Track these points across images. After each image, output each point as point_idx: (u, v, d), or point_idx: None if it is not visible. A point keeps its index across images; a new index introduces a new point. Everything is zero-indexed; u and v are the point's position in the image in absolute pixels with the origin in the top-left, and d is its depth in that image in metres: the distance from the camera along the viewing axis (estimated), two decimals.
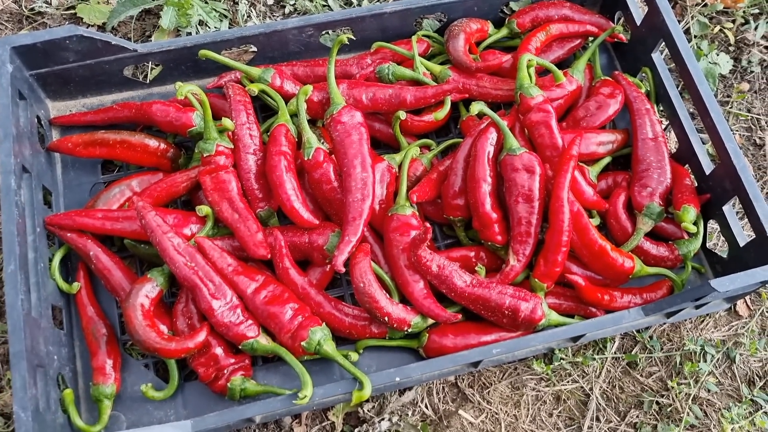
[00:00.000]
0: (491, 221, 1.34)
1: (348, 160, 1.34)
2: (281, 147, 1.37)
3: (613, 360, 1.47)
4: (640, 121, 1.50)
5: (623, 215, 1.43)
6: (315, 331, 1.25)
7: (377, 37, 1.60)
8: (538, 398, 1.44)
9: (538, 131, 1.39)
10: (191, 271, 1.26)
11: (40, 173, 1.41)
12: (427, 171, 1.45)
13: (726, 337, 1.50)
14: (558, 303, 1.38)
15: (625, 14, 1.62)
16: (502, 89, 1.52)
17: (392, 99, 1.46)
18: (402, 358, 1.38)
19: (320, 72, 1.55)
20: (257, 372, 1.36)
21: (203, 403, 1.34)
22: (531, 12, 1.62)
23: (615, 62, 1.70)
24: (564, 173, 1.31)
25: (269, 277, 1.33)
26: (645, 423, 1.41)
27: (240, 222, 1.33)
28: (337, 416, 1.39)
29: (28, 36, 1.38)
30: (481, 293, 1.28)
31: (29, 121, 1.42)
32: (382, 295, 1.28)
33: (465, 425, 1.40)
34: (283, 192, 1.33)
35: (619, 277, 1.37)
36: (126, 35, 1.76)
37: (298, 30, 1.53)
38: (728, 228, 1.40)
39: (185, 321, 1.31)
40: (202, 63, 1.53)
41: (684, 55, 1.44)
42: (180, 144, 1.52)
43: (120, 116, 1.49)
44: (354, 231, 1.29)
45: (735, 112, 1.74)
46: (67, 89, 1.54)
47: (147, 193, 1.39)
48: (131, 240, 1.37)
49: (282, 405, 1.19)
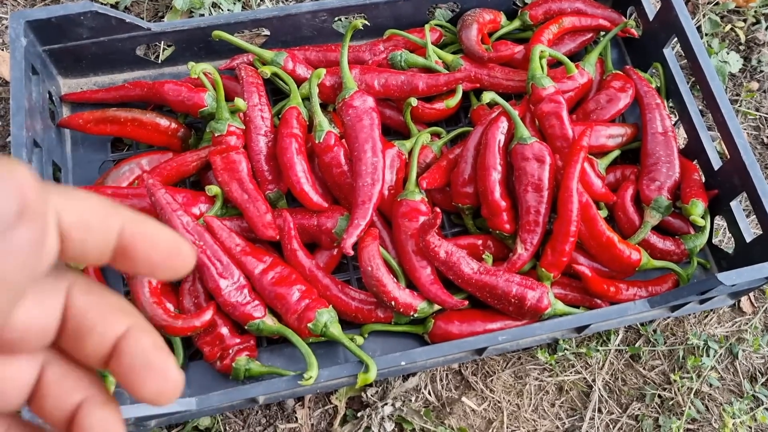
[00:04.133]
0: (500, 209, 1.35)
1: (359, 145, 1.34)
2: (292, 129, 1.37)
3: (617, 352, 1.48)
4: (650, 115, 1.50)
5: (631, 208, 1.43)
6: (322, 313, 1.26)
7: (390, 24, 1.60)
8: (541, 388, 1.44)
9: (549, 122, 1.40)
10: (199, 249, 1.26)
11: (50, 149, 1.41)
12: (437, 158, 1.46)
13: (729, 332, 1.51)
14: (564, 293, 1.38)
15: (638, 9, 1.62)
16: (514, 80, 1.53)
17: (404, 85, 1.46)
18: (407, 343, 1.38)
19: (332, 57, 1.55)
20: (262, 353, 1.36)
21: (207, 382, 1.34)
22: (544, 4, 1.63)
23: (626, 57, 1.70)
24: (574, 164, 1.32)
25: (277, 258, 1.33)
26: (647, 415, 1.42)
27: (249, 203, 1.33)
28: (340, 400, 1.40)
29: (42, 11, 1.38)
30: (488, 281, 1.28)
31: (41, 97, 1.42)
32: (390, 280, 1.29)
33: (468, 412, 1.41)
34: (293, 174, 1.33)
35: (625, 270, 1.37)
36: (139, 14, 1.76)
37: (312, 14, 1.53)
38: (735, 224, 1.41)
39: (192, 300, 1.31)
40: (215, 44, 1.53)
41: (696, 51, 1.44)
42: (190, 124, 1.52)
43: (131, 95, 1.50)
44: (363, 215, 1.30)
45: (743, 110, 1.75)
46: (79, 66, 1.54)
47: (157, 172, 1.39)
48: None
49: (286, 386, 1.19)
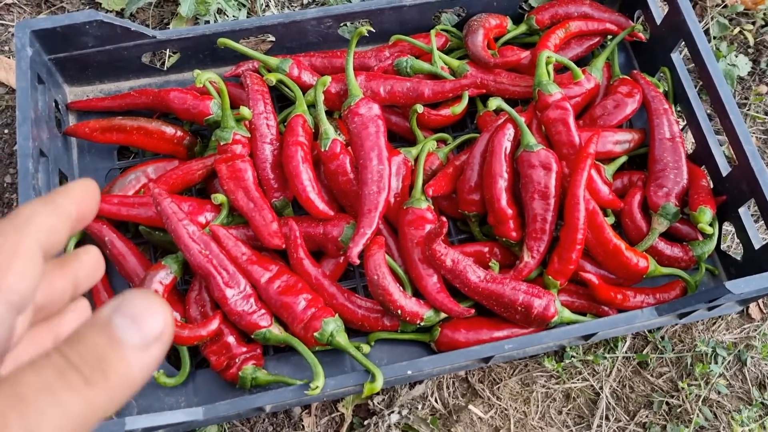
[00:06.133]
0: (506, 217, 1.34)
1: (364, 152, 1.34)
2: (298, 137, 1.37)
3: (624, 359, 1.47)
4: (657, 120, 1.49)
5: (638, 215, 1.42)
6: (328, 322, 1.26)
7: (396, 30, 1.60)
8: (548, 395, 1.44)
9: (556, 128, 1.39)
10: (205, 259, 1.26)
11: (57, 157, 1.42)
12: (443, 165, 1.45)
13: (738, 339, 1.50)
14: (571, 301, 1.38)
15: (645, 13, 1.61)
16: (520, 85, 1.52)
17: (410, 92, 1.46)
18: (413, 351, 1.38)
19: (338, 63, 1.55)
20: (268, 362, 1.36)
21: (214, 391, 1.34)
22: (550, 9, 1.62)
23: (633, 61, 1.69)
24: (580, 171, 1.31)
25: (283, 267, 1.33)
26: (654, 423, 1.41)
27: (255, 211, 1.33)
28: (347, 408, 1.40)
29: (48, 20, 1.38)
30: (495, 289, 1.28)
31: (47, 106, 1.42)
32: (396, 288, 1.28)
33: (474, 420, 1.40)
34: (299, 182, 1.33)
35: (632, 277, 1.37)
36: (144, 22, 1.76)
37: (317, 21, 1.53)
38: (744, 230, 1.40)
39: (198, 309, 1.31)
40: (220, 51, 1.53)
41: (704, 55, 1.43)
42: (196, 132, 1.53)
43: (137, 103, 1.50)
44: (369, 223, 1.29)
45: (752, 114, 1.73)
46: (84, 74, 1.54)
47: (163, 180, 1.39)
48: (146, 226, 1.37)
49: (293, 395, 1.19)
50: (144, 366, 0.37)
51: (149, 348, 0.37)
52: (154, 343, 0.38)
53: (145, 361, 0.37)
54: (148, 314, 0.38)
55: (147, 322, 0.38)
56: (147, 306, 0.38)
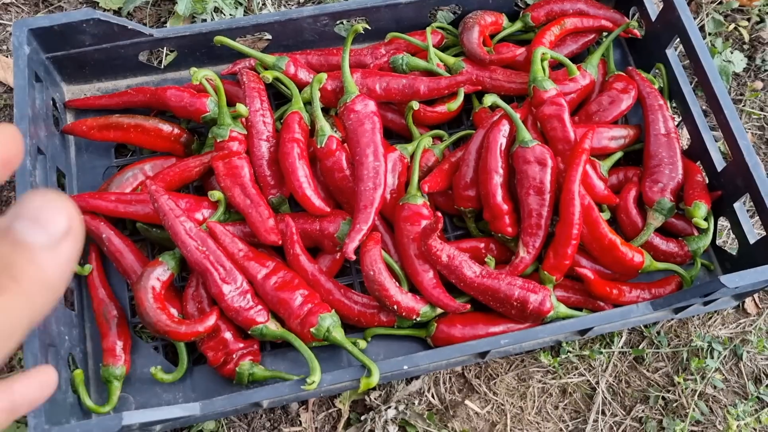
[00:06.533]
0: (502, 213, 1.35)
1: (360, 149, 1.35)
2: (294, 134, 1.37)
3: (620, 354, 1.47)
4: (652, 116, 1.50)
5: (634, 210, 1.43)
6: (324, 317, 1.26)
7: (392, 27, 1.60)
8: (544, 390, 1.44)
9: (551, 124, 1.40)
10: (202, 255, 1.26)
11: (54, 155, 1.42)
12: (438, 162, 1.46)
13: (733, 334, 1.50)
14: (566, 296, 1.38)
15: (640, 10, 1.61)
16: (516, 82, 1.53)
17: (406, 89, 1.47)
18: (410, 346, 1.39)
19: (334, 61, 1.55)
20: (265, 357, 1.37)
21: (211, 386, 1.35)
22: (546, 6, 1.62)
23: (628, 57, 1.70)
24: (576, 167, 1.32)
25: (279, 263, 1.33)
26: (650, 417, 1.42)
27: (252, 208, 1.34)
28: (343, 403, 1.40)
29: (45, 18, 1.39)
30: (491, 284, 1.29)
31: (44, 104, 1.43)
32: (392, 284, 1.29)
33: (471, 415, 1.41)
34: (295, 179, 1.34)
35: (628, 272, 1.37)
36: (141, 20, 1.76)
37: (313, 19, 1.54)
38: (739, 225, 1.40)
39: (195, 305, 1.32)
40: (217, 49, 1.54)
41: (699, 51, 1.44)
42: (193, 130, 1.53)
43: (134, 101, 1.50)
44: (365, 219, 1.30)
45: (747, 110, 1.74)
46: (82, 73, 1.55)
47: (160, 178, 1.39)
48: (143, 223, 1.37)
49: (290, 390, 1.19)
50: (58, 265, 0.36)
51: (59, 245, 0.36)
52: (64, 240, 0.36)
53: (58, 259, 0.36)
54: (50, 212, 0.36)
55: (50, 221, 0.36)
56: (47, 205, 0.37)
